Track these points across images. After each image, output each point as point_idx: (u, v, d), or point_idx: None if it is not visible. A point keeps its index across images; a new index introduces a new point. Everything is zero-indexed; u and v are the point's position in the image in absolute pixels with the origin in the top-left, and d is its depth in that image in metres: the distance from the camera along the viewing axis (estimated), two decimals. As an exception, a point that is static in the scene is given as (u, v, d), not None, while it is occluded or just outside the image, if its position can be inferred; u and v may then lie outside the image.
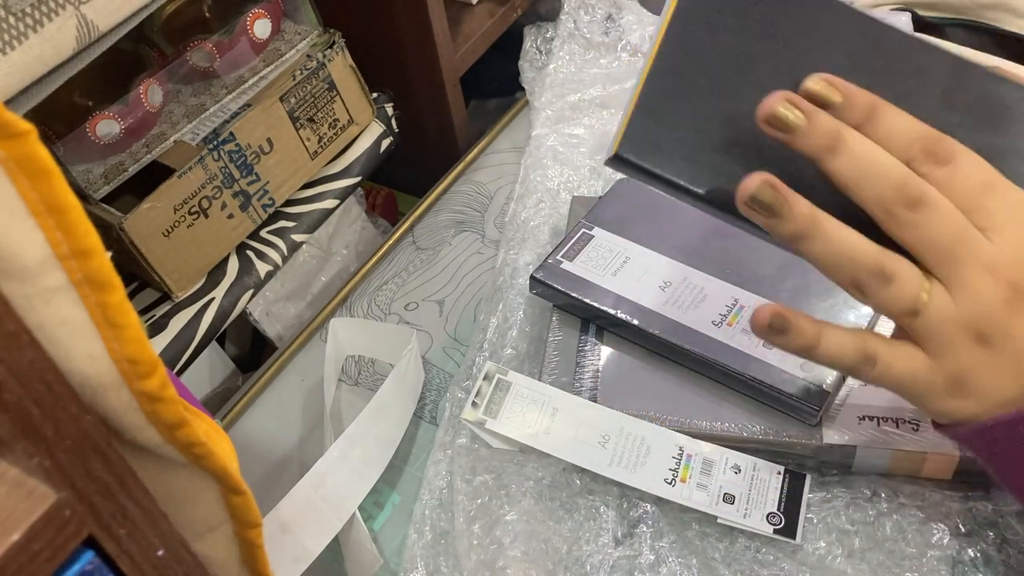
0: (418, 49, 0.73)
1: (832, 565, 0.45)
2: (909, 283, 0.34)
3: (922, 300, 0.34)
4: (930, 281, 0.34)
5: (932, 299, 0.34)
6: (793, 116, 0.34)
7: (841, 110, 0.34)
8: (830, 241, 0.35)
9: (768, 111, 0.34)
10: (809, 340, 0.37)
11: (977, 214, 0.34)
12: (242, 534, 0.32)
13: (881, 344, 0.36)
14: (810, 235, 0.35)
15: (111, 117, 0.53)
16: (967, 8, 0.75)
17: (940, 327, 0.34)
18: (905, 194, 0.33)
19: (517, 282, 0.61)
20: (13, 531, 0.21)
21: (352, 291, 0.68)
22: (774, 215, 0.35)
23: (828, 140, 0.34)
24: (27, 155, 0.20)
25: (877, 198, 0.34)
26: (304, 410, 0.61)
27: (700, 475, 0.47)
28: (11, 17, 0.41)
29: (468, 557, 0.47)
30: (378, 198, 0.90)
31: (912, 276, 0.34)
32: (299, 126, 0.62)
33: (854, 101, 0.34)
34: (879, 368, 0.36)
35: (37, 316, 0.22)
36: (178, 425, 0.26)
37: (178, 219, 0.56)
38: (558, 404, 0.51)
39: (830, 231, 0.35)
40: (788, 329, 0.37)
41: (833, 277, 0.36)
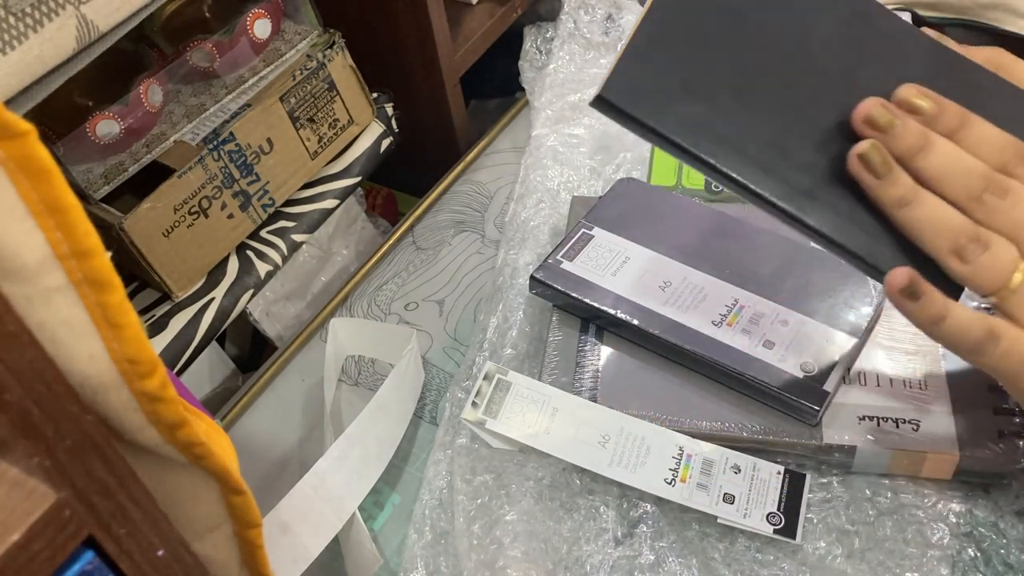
0: (418, 49, 0.73)
1: (832, 565, 0.45)
2: (1008, 252, 0.36)
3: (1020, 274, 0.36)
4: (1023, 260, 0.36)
5: None
6: (888, 118, 0.36)
7: (933, 117, 0.37)
8: (931, 206, 0.36)
9: (865, 112, 0.37)
10: (940, 310, 0.37)
11: None
12: (242, 534, 0.32)
13: (1006, 325, 0.37)
14: (912, 200, 0.37)
15: (111, 117, 0.53)
16: (967, 8, 0.75)
17: None
18: (994, 183, 0.36)
19: (517, 282, 0.61)
20: (13, 531, 0.21)
21: (352, 291, 0.68)
22: (881, 176, 0.37)
23: (919, 140, 0.36)
24: (27, 155, 0.20)
25: (966, 188, 0.36)
26: (304, 410, 0.61)
27: (700, 475, 0.47)
28: (11, 17, 0.41)
29: (468, 557, 0.47)
30: (378, 198, 0.90)
31: (1010, 249, 0.36)
32: (299, 126, 0.62)
33: (946, 109, 0.37)
34: (1002, 347, 0.37)
35: (37, 316, 0.22)
36: (178, 425, 0.26)
37: (178, 219, 0.56)
38: (558, 404, 0.51)
39: (930, 198, 0.37)
40: (921, 295, 0.37)
41: (933, 243, 0.37)
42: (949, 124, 0.37)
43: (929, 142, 0.36)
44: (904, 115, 0.37)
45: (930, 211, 0.37)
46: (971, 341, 0.38)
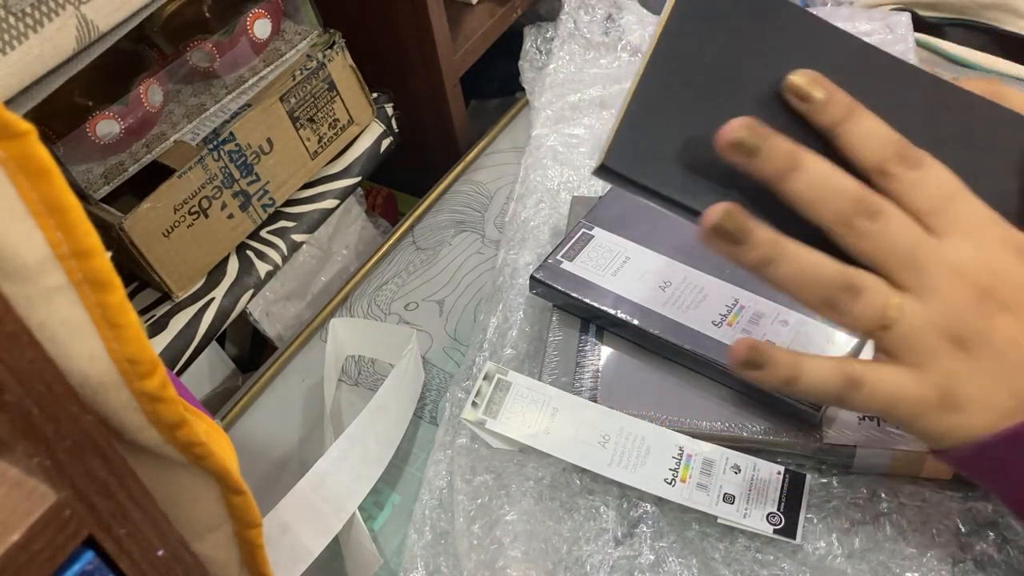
0: (418, 49, 0.73)
1: (832, 565, 0.45)
2: (877, 294, 0.34)
3: (892, 310, 0.34)
4: (898, 293, 0.34)
5: (903, 308, 0.34)
6: (752, 140, 0.34)
7: (822, 106, 0.35)
8: (795, 262, 0.35)
9: (728, 137, 0.34)
10: (788, 372, 0.36)
11: (941, 217, 0.34)
12: (242, 534, 0.32)
13: (863, 366, 0.36)
14: (774, 259, 0.35)
15: (111, 117, 0.53)
16: (967, 8, 0.75)
17: (916, 336, 0.34)
18: (864, 206, 0.34)
19: (517, 282, 0.61)
20: (13, 531, 0.21)
21: (352, 291, 0.68)
22: (737, 243, 0.35)
23: (786, 162, 0.34)
24: (27, 155, 0.20)
25: (836, 213, 0.34)
26: (304, 410, 0.61)
27: (700, 475, 0.47)
28: (11, 17, 0.41)
29: (468, 557, 0.47)
30: (378, 198, 0.90)
31: (879, 287, 0.34)
32: (299, 126, 0.62)
33: (835, 98, 0.35)
34: (866, 391, 0.36)
35: (37, 316, 0.22)
36: (178, 425, 0.26)
37: (178, 219, 0.56)
38: (558, 404, 0.51)
39: (793, 253, 0.35)
40: (764, 363, 0.36)
41: (802, 298, 0.36)
42: (835, 115, 0.35)
43: (798, 164, 0.34)
44: (772, 135, 0.34)
45: (796, 268, 0.35)
46: (831, 393, 0.36)
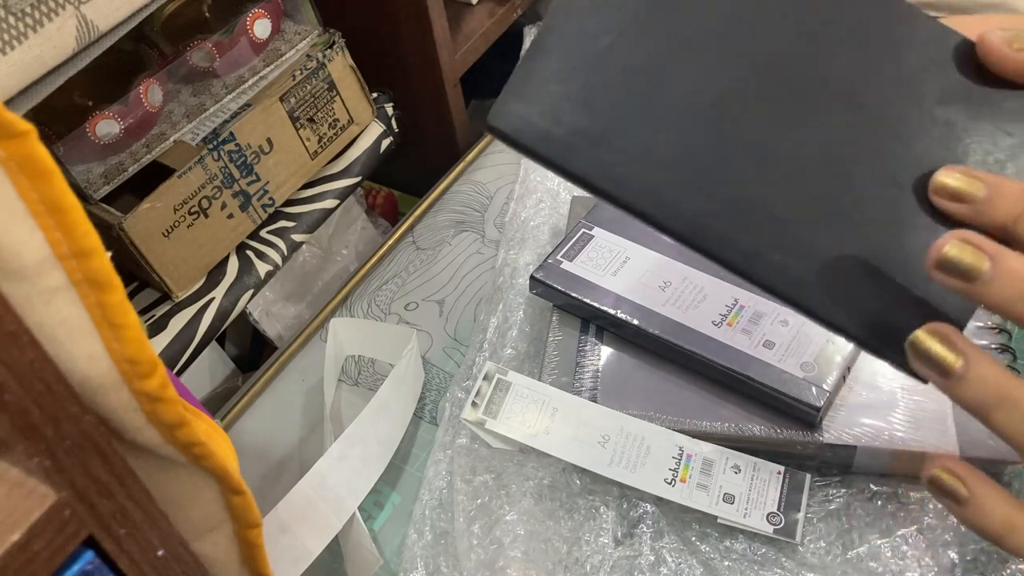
0: (418, 49, 0.73)
1: (832, 565, 0.45)
2: None
3: None
4: None
5: None
6: (973, 260, 0.26)
7: (986, 204, 0.27)
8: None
9: (939, 256, 0.26)
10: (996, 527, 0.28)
11: None
12: (242, 534, 0.32)
13: None
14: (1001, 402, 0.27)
15: (111, 117, 0.53)
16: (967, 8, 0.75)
17: None
18: None
19: (517, 282, 0.61)
20: (13, 531, 0.21)
21: (352, 291, 0.68)
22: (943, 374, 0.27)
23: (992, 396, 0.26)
24: (27, 155, 0.20)
25: None
26: (304, 410, 0.61)
27: (700, 475, 0.47)
28: (11, 17, 0.41)
29: (468, 557, 0.47)
30: (378, 198, 0.90)
31: None
32: (299, 126, 0.62)
33: (1003, 190, 0.27)
34: None
35: (37, 316, 0.22)
36: (178, 425, 0.26)
37: (178, 219, 0.56)
38: (558, 404, 0.51)
39: None
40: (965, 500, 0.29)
41: None
42: (1008, 209, 0.27)
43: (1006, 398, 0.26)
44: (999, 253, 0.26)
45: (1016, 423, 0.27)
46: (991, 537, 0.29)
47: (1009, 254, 0.26)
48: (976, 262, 0.26)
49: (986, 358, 0.27)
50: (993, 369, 0.27)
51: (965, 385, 0.27)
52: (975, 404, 0.27)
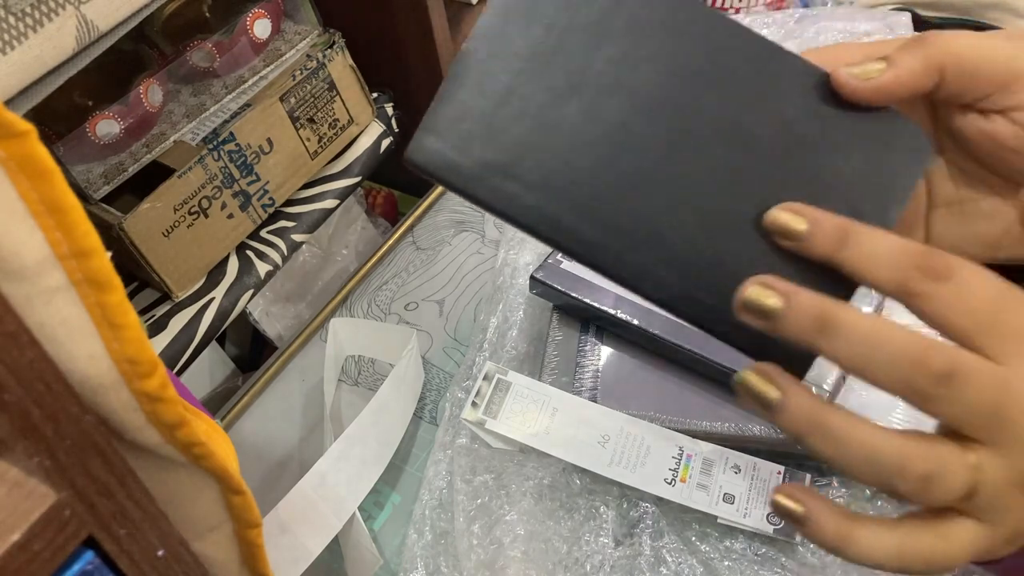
0: (418, 49, 0.73)
1: (832, 565, 0.45)
2: (955, 473, 0.29)
3: (973, 483, 0.29)
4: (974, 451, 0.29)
5: (985, 473, 0.29)
6: (770, 302, 0.29)
7: (809, 238, 0.30)
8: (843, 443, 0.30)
9: (741, 299, 0.30)
10: (834, 541, 0.31)
11: (995, 337, 0.29)
12: (242, 534, 0.32)
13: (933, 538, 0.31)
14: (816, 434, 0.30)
15: (111, 117, 0.53)
16: (967, 8, 0.75)
17: (998, 498, 0.29)
18: (930, 371, 0.28)
19: (517, 282, 0.61)
20: (13, 531, 0.21)
21: (352, 291, 0.68)
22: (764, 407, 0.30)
23: (813, 323, 0.29)
24: (27, 155, 0.20)
25: (897, 381, 0.29)
26: (304, 410, 0.61)
27: (700, 475, 0.47)
28: (11, 17, 0.41)
29: (468, 557, 0.47)
30: (378, 198, 0.90)
31: (955, 462, 0.29)
32: (299, 126, 0.62)
33: (822, 227, 0.30)
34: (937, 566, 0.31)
35: (37, 316, 0.22)
36: (178, 425, 0.26)
37: (178, 219, 0.56)
38: (558, 404, 0.51)
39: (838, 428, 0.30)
40: (804, 520, 0.31)
41: (856, 480, 0.30)
42: (827, 244, 0.30)
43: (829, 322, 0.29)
44: (792, 292, 0.29)
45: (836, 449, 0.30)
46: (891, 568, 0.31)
47: (801, 292, 0.29)
48: (771, 302, 0.29)
49: (802, 391, 0.30)
50: (807, 400, 0.30)
51: (782, 413, 0.30)
52: (791, 431, 0.30)
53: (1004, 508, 0.30)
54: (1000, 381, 0.29)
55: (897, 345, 0.29)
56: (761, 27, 0.75)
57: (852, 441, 0.30)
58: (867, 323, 0.29)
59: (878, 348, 0.29)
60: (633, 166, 0.32)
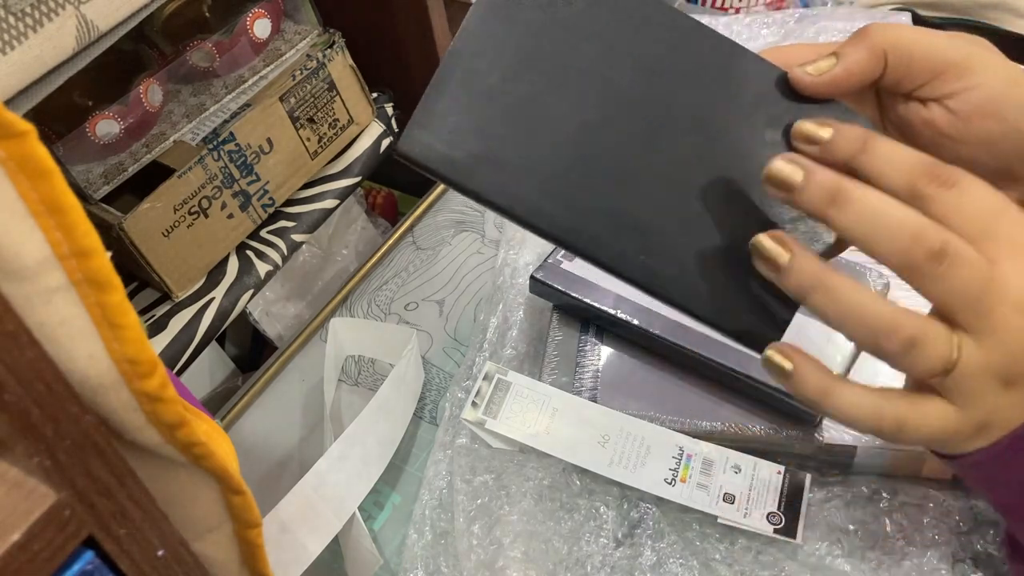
0: (418, 49, 0.73)
1: (832, 565, 0.45)
2: (936, 345, 0.31)
3: (952, 358, 0.32)
4: (957, 333, 0.32)
5: (963, 355, 0.32)
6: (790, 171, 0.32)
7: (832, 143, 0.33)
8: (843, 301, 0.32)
9: (767, 170, 0.33)
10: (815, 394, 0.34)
11: (992, 241, 0.31)
12: (242, 534, 0.32)
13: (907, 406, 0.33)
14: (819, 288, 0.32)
15: (111, 117, 0.53)
16: (967, 8, 0.75)
17: (971, 380, 0.32)
18: (925, 247, 0.31)
19: (517, 282, 0.61)
20: (13, 531, 0.21)
21: (352, 291, 0.68)
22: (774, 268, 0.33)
23: (829, 194, 0.32)
24: (27, 155, 0.20)
25: (895, 252, 0.31)
26: (304, 410, 0.61)
27: (700, 475, 0.47)
28: (11, 17, 0.41)
29: (468, 557, 0.47)
30: (378, 198, 0.90)
31: (939, 335, 0.31)
32: (299, 126, 0.62)
33: (844, 133, 0.33)
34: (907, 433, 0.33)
35: (37, 316, 0.22)
36: (178, 425, 0.26)
37: (178, 219, 0.56)
38: (558, 404, 0.51)
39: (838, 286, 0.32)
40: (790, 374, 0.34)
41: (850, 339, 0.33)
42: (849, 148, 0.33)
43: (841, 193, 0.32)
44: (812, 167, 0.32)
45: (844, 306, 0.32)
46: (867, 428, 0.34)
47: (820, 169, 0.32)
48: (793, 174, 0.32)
49: (808, 254, 0.33)
50: (812, 261, 0.33)
51: (790, 273, 0.33)
52: (797, 289, 0.33)
53: (975, 392, 0.32)
54: (986, 274, 0.31)
55: (902, 219, 0.31)
56: (761, 27, 0.75)
57: (851, 300, 0.32)
58: (875, 197, 0.32)
59: (882, 220, 0.31)
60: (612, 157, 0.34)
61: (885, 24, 0.36)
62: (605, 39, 0.34)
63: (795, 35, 0.74)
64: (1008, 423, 0.33)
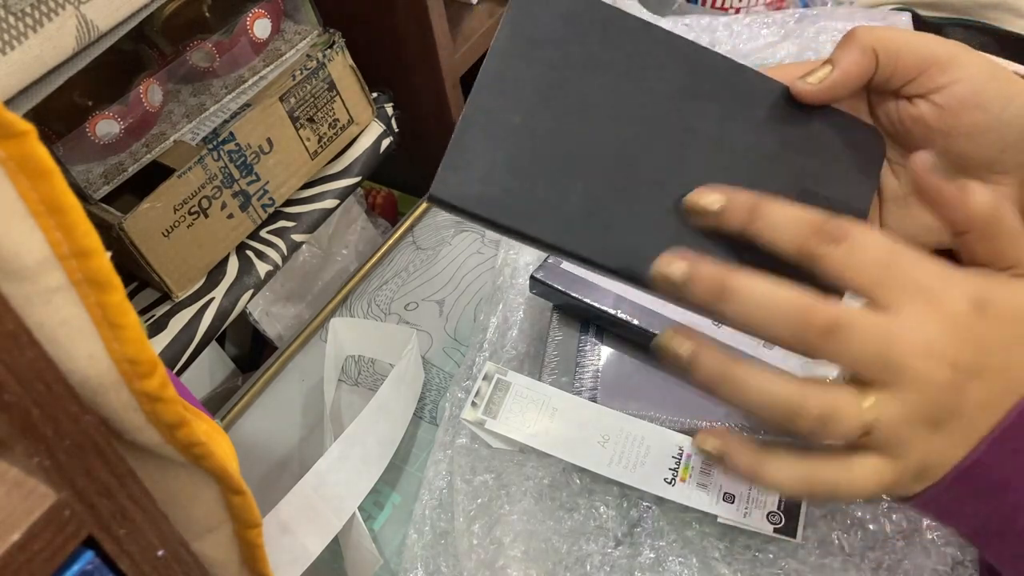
0: (418, 49, 0.73)
1: (832, 565, 0.45)
2: (848, 413, 0.32)
3: (866, 421, 0.32)
4: (869, 393, 0.32)
5: (881, 412, 0.32)
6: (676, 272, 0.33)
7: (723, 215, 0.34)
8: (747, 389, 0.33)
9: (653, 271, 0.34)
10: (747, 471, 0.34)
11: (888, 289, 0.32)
12: (242, 534, 0.32)
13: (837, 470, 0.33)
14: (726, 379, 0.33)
15: (111, 117, 0.53)
16: (967, 8, 0.75)
17: (897, 433, 0.32)
18: (816, 325, 0.31)
19: (517, 282, 0.61)
20: (13, 531, 0.21)
21: (352, 291, 0.68)
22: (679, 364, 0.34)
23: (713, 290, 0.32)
24: (27, 155, 0.20)
25: (788, 336, 0.32)
26: (304, 410, 0.61)
27: (700, 475, 0.47)
28: (11, 17, 0.41)
29: (468, 557, 0.47)
30: (378, 198, 0.90)
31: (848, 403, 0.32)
32: (299, 126, 0.62)
33: (733, 202, 0.34)
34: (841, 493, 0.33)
35: (37, 316, 0.22)
36: (178, 425, 0.26)
37: (178, 219, 0.56)
38: (558, 404, 0.51)
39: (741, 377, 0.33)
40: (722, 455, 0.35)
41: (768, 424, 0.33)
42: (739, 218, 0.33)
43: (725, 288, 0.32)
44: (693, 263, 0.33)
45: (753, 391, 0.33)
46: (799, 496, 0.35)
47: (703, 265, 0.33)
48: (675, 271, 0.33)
49: (710, 347, 0.33)
50: (713, 355, 0.33)
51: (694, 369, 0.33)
52: (704, 383, 0.34)
53: (904, 443, 0.32)
54: (883, 329, 0.31)
55: (786, 305, 0.32)
56: (761, 27, 0.75)
57: (754, 387, 0.33)
58: (760, 287, 0.32)
59: (769, 308, 0.32)
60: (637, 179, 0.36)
61: (870, 26, 0.37)
62: (619, 71, 0.36)
63: (795, 35, 0.74)
64: (947, 461, 0.32)
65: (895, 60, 0.36)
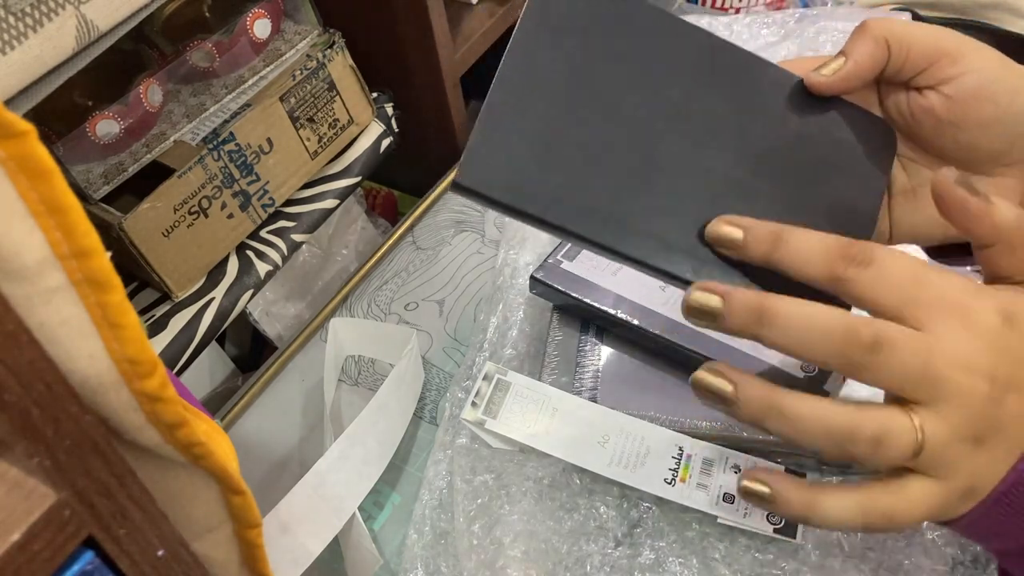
0: (418, 49, 0.73)
1: (832, 565, 0.45)
2: (901, 434, 0.31)
3: (918, 440, 0.31)
4: (915, 412, 0.32)
5: (927, 432, 0.31)
6: (712, 302, 0.33)
7: (747, 245, 0.34)
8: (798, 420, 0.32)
9: (685, 304, 0.33)
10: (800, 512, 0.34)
11: (918, 308, 0.32)
12: (242, 534, 0.32)
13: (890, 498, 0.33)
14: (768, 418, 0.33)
15: (111, 117, 0.53)
16: (967, 8, 0.75)
17: (944, 453, 0.32)
18: (859, 343, 0.31)
19: (517, 282, 0.61)
20: (13, 531, 0.21)
21: (352, 291, 0.68)
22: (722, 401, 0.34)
23: (753, 315, 0.32)
24: (27, 155, 0.20)
25: (831, 355, 0.31)
26: (304, 410, 0.61)
27: (700, 475, 0.47)
28: (11, 17, 0.41)
29: (468, 557, 0.47)
30: (378, 198, 0.90)
31: (900, 424, 0.31)
32: (299, 126, 0.62)
33: (756, 234, 0.34)
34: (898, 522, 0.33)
35: (37, 316, 0.22)
36: (178, 425, 0.26)
37: (178, 219, 0.56)
38: (558, 404, 0.51)
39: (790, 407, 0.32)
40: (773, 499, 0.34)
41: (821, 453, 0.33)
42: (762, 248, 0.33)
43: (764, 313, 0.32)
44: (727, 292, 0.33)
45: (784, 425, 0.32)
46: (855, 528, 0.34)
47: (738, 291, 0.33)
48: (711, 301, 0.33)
49: (753, 381, 0.33)
50: (758, 387, 0.33)
51: (739, 405, 0.33)
52: (750, 418, 0.33)
53: (951, 462, 0.32)
54: (924, 346, 0.31)
55: (829, 324, 0.31)
56: (761, 27, 0.75)
57: (806, 416, 0.32)
58: (799, 309, 0.32)
59: (812, 330, 0.32)
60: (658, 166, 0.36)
61: (881, 18, 0.37)
62: (640, 60, 0.36)
63: (795, 35, 0.74)
64: (992, 479, 0.32)
65: (906, 51, 0.36)
